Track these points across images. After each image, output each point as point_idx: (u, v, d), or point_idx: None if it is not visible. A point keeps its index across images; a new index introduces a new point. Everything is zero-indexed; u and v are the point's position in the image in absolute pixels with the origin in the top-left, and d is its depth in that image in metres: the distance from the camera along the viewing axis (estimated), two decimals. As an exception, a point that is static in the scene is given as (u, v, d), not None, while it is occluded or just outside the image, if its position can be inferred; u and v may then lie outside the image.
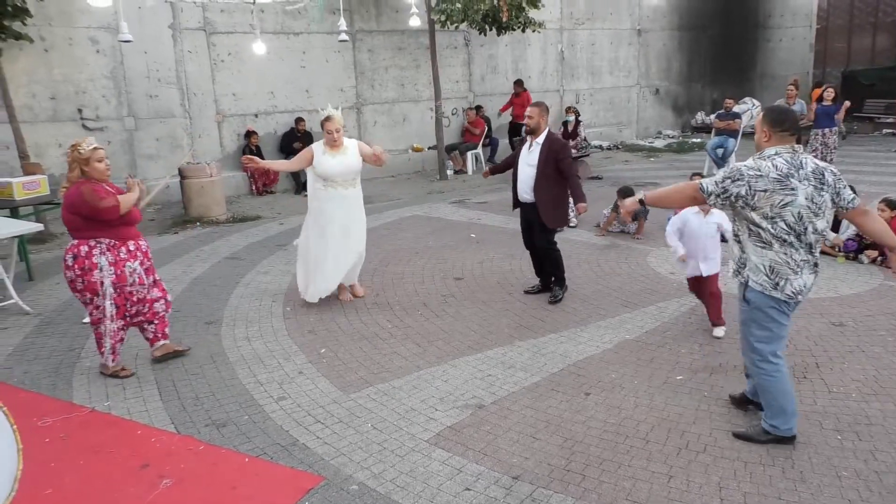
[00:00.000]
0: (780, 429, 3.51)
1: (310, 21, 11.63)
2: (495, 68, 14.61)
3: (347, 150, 5.78)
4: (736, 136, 11.87)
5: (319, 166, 5.73)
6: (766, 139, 3.39)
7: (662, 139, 17.26)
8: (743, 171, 3.29)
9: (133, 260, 4.54)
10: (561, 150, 5.71)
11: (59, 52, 9.69)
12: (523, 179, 5.76)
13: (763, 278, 3.37)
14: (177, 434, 3.88)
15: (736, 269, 3.52)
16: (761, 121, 3.41)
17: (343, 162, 5.74)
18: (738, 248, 3.51)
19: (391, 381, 4.49)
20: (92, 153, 4.36)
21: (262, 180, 11.68)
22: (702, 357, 4.69)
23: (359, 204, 5.99)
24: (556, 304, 5.84)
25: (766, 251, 3.34)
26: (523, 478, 3.36)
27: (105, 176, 4.45)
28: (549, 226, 5.77)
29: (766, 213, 3.26)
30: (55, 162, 9.84)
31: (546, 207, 5.70)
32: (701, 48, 18.28)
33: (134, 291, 4.58)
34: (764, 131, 3.39)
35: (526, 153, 5.78)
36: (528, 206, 5.82)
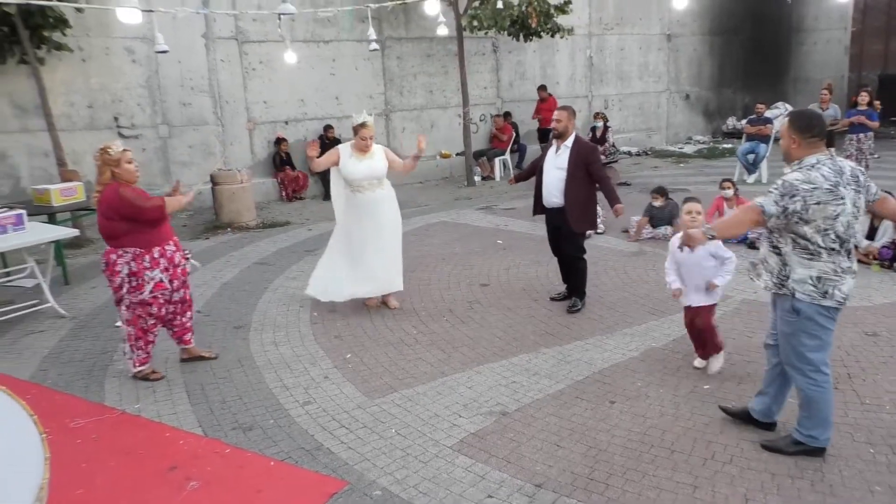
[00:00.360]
0: (820, 439, 3.45)
1: (340, 29, 11.75)
2: (523, 74, 14.60)
3: (374, 154, 5.85)
4: (768, 141, 11.69)
5: (345, 169, 5.81)
6: (794, 146, 3.29)
7: (692, 145, 17.07)
8: (797, 186, 3.15)
9: (155, 268, 4.56)
10: (591, 153, 5.70)
11: (96, 62, 9.94)
12: (551, 183, 5.69)
13: (810, 289, 3.27)
14: (204, 437, 3.94)
15: (777, 282, 3.38)
16: (788, 128, 3.31)
17: (370, 166, 5.80)
18: (778, 261, 3.37)
19: (416, 386, 4.51)
20: (122, 155, 4.45)
21: (292, 187, 11.81)
22: (729, 366, 4.62)
23: (390, 206, 5.98)
24: (581, 312, 5.80)
25: (813, 262, 3.26)
26: (546, 486, 3.35)
27: (134, 177, 4.54)
28: (575, 230, 5.71)
29: (819, 225, 3.17)
30: (91, 169, 9.99)
31: (574, 211, 5.64)
32: (732, 52, 18.04)
33: (157, 296, 4.62)
34: (792, 139, 3.28)
35: (553, 157, 5.73)
36: (554, 210, 5.76)
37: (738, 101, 18.51)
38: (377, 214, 5.90)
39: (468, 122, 12.51)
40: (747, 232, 7.73)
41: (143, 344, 4.67)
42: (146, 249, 4.52)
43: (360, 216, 5.87)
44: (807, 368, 3.40)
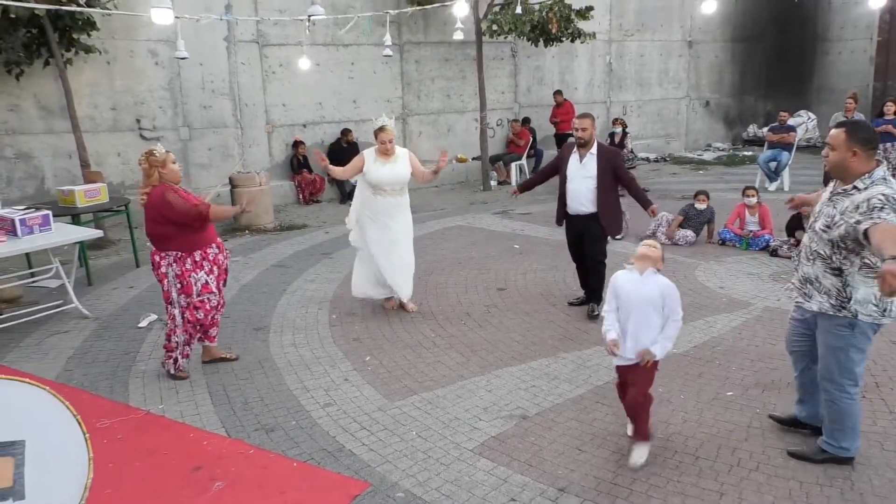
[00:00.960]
0: (851, 450, 3.43)
1: (359, 33, 11.81)
2: (541, 80, 14.58)
3: (398, 158, 5.86)
4: (790, 149, 11.60)
5: (369, 173, 5.81)
6: (854, 159, 3.14)
7: (712, 152, 16.95)
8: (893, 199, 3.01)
9: (199, 270, 4.66)
10: (616, 157, 5.79)
11: (120, 65, 10.05)
12: (580, 192, 5.69)
13: (872, 308, 3.20)
14: (227, 438, 3.97)
15: (836, 304, 3.24)
16: (847, 139, 3.15)
17: (394, 170, 5.81)
18: (838, 282, 3.23)
19: (435, 389, 4.51)
20: (167, 156, 4.59)
21: (309, 189, 11.87)
22: (753, 374, 4.58)
23: (407, 212, 6.05)
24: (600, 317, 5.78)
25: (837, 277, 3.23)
26: (569, 490, 3.33)
27: (178, 177, 4.68)
28: (609, 234, 5.84)
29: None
30: (114, 171, 10.18)
31: (607, 216, 5.71)
32: (755, 60, 17.91)
33: (205, 300, 4.71)
34: (853, 151, 3.14)
35: (579, 166, 5.68)
36: (581, 218, 5.76)
37: (760, 109, 18.36)
38: (397, 219, 5.93)
39: (485, 126, 12.51)
40: (769, 238, 7.70)
41: (188, 352, 4.81)
42: (187, 252, 4.59)
43: (381, 220, 5.89)
44: (847, 383, 3.34)
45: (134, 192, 10.20)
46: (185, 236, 4.57)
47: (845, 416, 3.39)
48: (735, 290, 6.41)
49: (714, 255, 7.64)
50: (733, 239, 7.98)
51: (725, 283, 6.65)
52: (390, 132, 5.76)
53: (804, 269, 3.40)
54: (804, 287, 3.40)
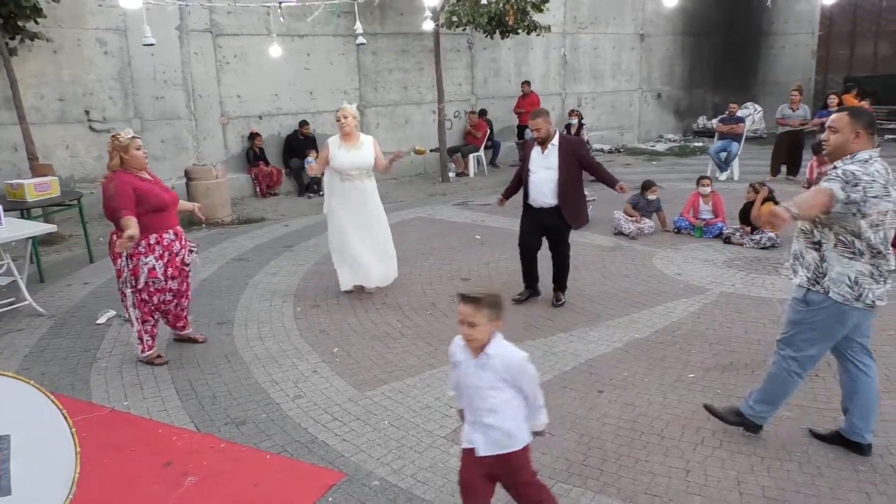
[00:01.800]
0: (762, 414, 3.57)
1: (315, 23, 11.68)
2: (498, 71, 14.68)
3: (363, 144, 6.02)
4: (740, 140, 11.95)
5: (334, 159, 5.96)
6: (855, 139, 3.19)
7: (664, 143, 17.34)
8: (858, 176, 3.07)
9: (149, 254, 4.64)
10: (579, 145, 5.83)
11: (67, 54, 9.73)
12: (542, 183, 5.65)
13: (846, 289, 3.20)
14: (197, 432, 3.92)
15: (812, 278, 3.29)
16: (852, 122, 3.20)
17: (358, 155, 5.97)
18: (816, 257, 3.28)
19: (405, 379, 4.54)
20: (130, 141, 4.59)
21: (266, 182, 11.71)
22: (712, 356, 4.74)
23: (375, 196, 6.21)
24: (563, 305, 5.87)
25: (853, 262, 3.19)
26: (542, 472, 3.38)
27: (143, 164, 4.67)
28: (573, 225, 5.77)
29: (874, 220, 3.10)
30: (63, 164, 9.86)
31: (571, 208, 5.69)
32: (703, 54, 18.37)
33: (149, 283, 4.71)
34: (857, 132, 3.18)
35: (541, 157, 5.67)
36: (545, 210, 5.71)
37: (709, 101, 18.85)
38: (366, 203, 6.09)
39: (443, 118, 12.54)
40: (722, 226, 7.95)
41: (148, 328, 4.81)
42: (142, 235, 4.54)
43: (349, 205, 6.05)
44: (791, 352, 3.40)
45: (85, 186, 9.91)
46: (142, 218, 4.52)
47: (774, 381, 3.51)
48: (692, 276, 6.60)
49: (670, 243, 7.85)
50: (688, 227, 8.20)
51: (682, 269, 6.84)
52: (345, 110, 5.96)
53: (794, 246, 3.47)
54: (794, 264, 3.44)
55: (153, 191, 4.63)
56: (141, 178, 4.64)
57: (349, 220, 6.05)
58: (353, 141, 5.97)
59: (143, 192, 4.55)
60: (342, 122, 5.94)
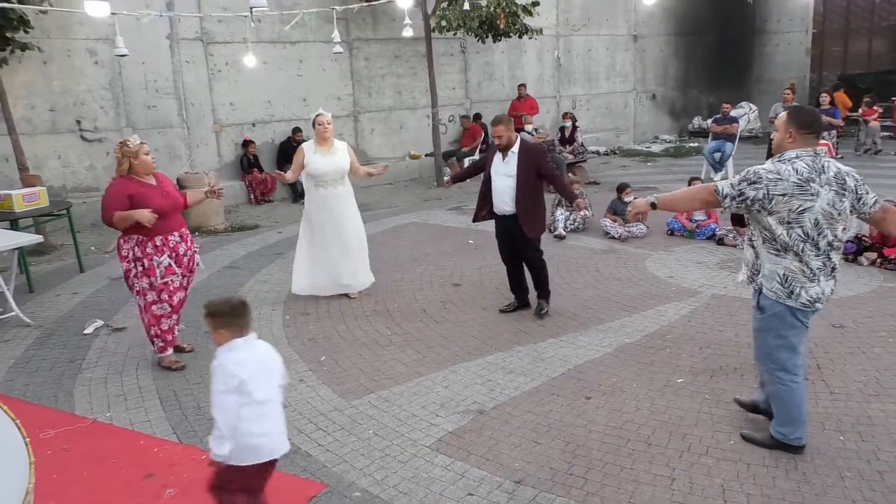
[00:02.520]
0: (789, 437, 3.45)
1: (307, 30, 11.67)
2: (492, 75, 14.66)
3: (337, 150, 6.08)
4: (734, 140, 11.92)
5: (310, 165, 6.00)
6: (790, 140, 3.25)
7: (659, 144, 17.32)
8: (761, 174, 3.17)
9: (160, 254, 4.72)
10: (539, 154, 5.51)
11: (57, 65, 9.72)
12: (502, 191, 5.50)
13: (776, 286, 3.26)
14: (179, 444, 3.88)
15: (749, 275, 3.44)
16: (787, 121, 3.26)
17: (332, 161, 6.02)
18: (752, 253, 3.42)
19: (392, 387, 4.50)
20: (140, 147, 4.70)
21: (260, 189, 11.69)
22: (702, 360, 4.70)
23: (351, 202, 6.22)
24: (555, 310, 5.82)
25: (779, 258, 3.24)
26: (526, 482, 3.36)
27: (151, 168, 4.78)
28: (529, 235, 5.53)
29: (784, 217, 3.15)
30: (55, 174, 9.85)
31: (527, 217, 5.48)
32: (697, 54, 18.35)
33: (169, 282, 4.76)
34: (790, 132, 3.24)
35: (500, 164, 5.52)
36: (507, 217, 5.57)
37: (704, 101, 18.83)
38: (340, 210, 6.12)
39: (437, 123, 12.52)
40: (714, 227, 7.91)
41: (159, 331, 4.82)
42: (148, 237, 4.67)
43: (322, 212, 6.08)
44: (771, 366, 3.41)
45: (77, 196, 9.90)
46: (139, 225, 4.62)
47: (778, 400, 3.45)
48: (684, 278, 6.56)
49: (663, 246, 7.81)
50: (681, 229, 8.17)
51: (675, 272, 6.80)
52: (326, 116, 6.02)
53: None
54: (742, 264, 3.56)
55: (151, 196, 4.68)
56: (143, 183, 4.72)
57: (323, 226, 6.09)
58: (328, 146, 6.03)
59: (139, 198, 4.63)
60: (325, 127, 5.97)
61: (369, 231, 8.71)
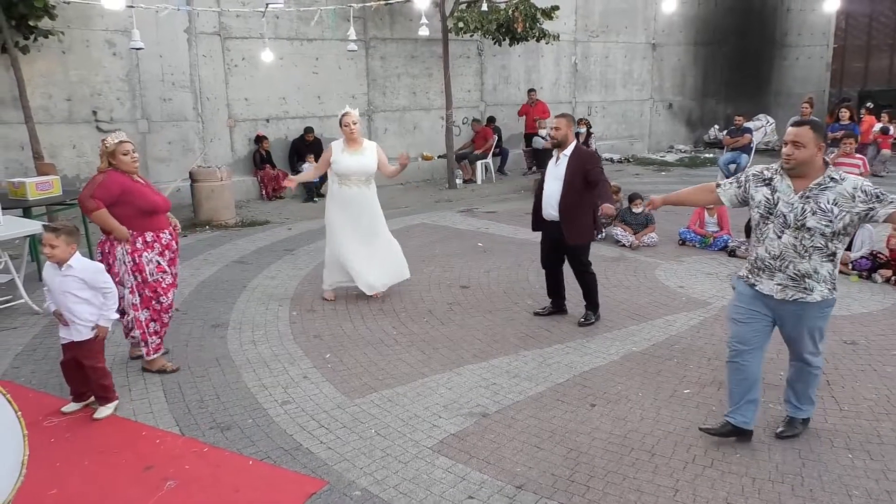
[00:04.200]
0: None
1: (324, 28, 11.70)
2: (507, 79, 14.63)
3: (366, 150, 6.00)
4: (749, 151, 11.84)
5: (337, 163, 5.91)
6: (818, 152, 3.34)
7: (674, 153, 17.22)
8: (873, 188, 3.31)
9: (150, 250, 4.60)
10: (590, 159, 5.37)
11: (75, 55, 9.79)
12: (551, 195, 5.37)
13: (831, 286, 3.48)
14: (181, 436, 3.87)
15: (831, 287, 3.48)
16: (816, 136, 3.31)
17: (360, 161, 5.93)
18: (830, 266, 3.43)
19: (395, 387, 4.48)
20: (117, 146, 4.46)
21: (272, 185, 11.71)
22: (710, 371, 4.65)
23: (375, 201, 6.15)
24: (562, 316, 5.77)
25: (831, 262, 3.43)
26: (527, 487, 3.33)
27: (132, 168, 4.56)
28: (569, 242, 5.38)
29: None
30: (69, 163, 9.91)
31: (570, 223, 5.33)
32: (716, 64, 18.25)
33: (160, 279, 4.65)
34: (820, 146, 3.33)
35: (553, 167, 5.42)
36: (553, 224, 5.42)
37: (721, 112, 18.71)
38: (366, 210, 6.05)
39: (451, 124, 12.50)
40: (727, 238, 7.83)
41: (156, 329, 4.68)
42: (138, 232, 4.55)
43: (349, 212, 6.00)
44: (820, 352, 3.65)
45: (90, 186, 9.95)
46: (135, 219, 4.52)
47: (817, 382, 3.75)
48: (694, 289, 6.50)
49: (674, 255, 7.75)
50: (693, 239, 8.10)
51: (685, 282, 6.74)
52: (353, 115, 5.91)
53: (798, 267, 3.41)
54: (801, 283, 3.43)
55: (143, 192, 4.58)
56: (133, 179, 4.59)
57: (349, 227, 6.00)
58: (357, 146, 5.95)
59: (131, 193, 4.49)
60: (351, 127, 5.86)
61: (379, 230, 8.75)
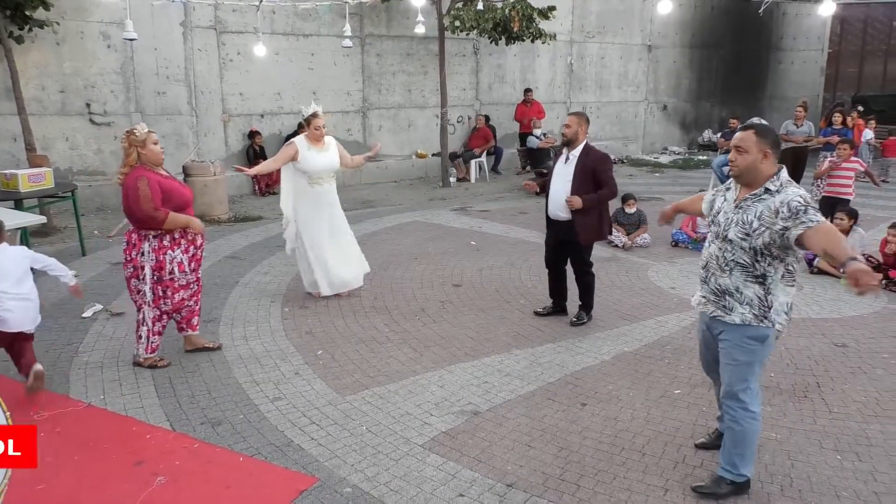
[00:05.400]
0: (746, 475, 3.22)
1: (320, 24, 11.66)
2: (503, 78, 14.63)
3: (329, 147, 6.07)
4: (741, 154, 11.85)
5: (304, 161, 5.92)
6: (766, 161, 3.02)
7: (668, 155, 17.26)
8: (810, 201, 2.92)
9: (175, 248, 4.61)
10: (600, 161, 5.30)
11: (70, 46, 9.72)
12: (558, 194, 5.32)
13: (784, 318, 3.08)
14: (172, 431, 3.86)
15: (759, 314, 3.05)
16: (759, 140, 3.00)
17: (328, 158, 6.03)
18: (761, 290, 3.04)
19: (387, 384, 4.48)
20: (147, 136, 4.50)
21: (265, 181, 11.67)
22: (700, 372, 4.59)
23: (337, 198, 6.24)
24: (553, 315, 5.78)
25: (791, 288, 3.08)
26: (517, 485, 3.34)
27: (159, 159, 4.58)
28: (582, 242, 5.37)
29: None
30: (62, 156, 9.85)
31: (582, 222, 5.29)
32: (712, 66, 18.30)
33: (175, 279, 4.64)
34: (765, 152, 3.00)
35: (561, 166, 5.37)
36: (562, 224, 5.39)
37: (715, 115, 18.77)
38: (334, 206, 6.15)
39: (446, 122, 12.49)
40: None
41: (158, 328, 4.70)
42: (162, 232, 4.55)
43: (319, 209, 6.05)
44: (748, 402, 3.13)
45: (83, 179, 9.90)
46: None
47: (748, 438, 3.16)
48: (686, 290, 6.52)
49: (666, 256, 7.78)
50: (686, 240, 8.13)
51: (677, 283, 6.77)
52: (322, 118, 5.98)
53: (719, 281, 3.15)
54: (721, 300, 3.15)
55: (176, 188, 4.60)
56: (161, 174, 4.57)
57: (322, 225, 6.05)
58: (322, 144, 6.01)
59: (167, 190, 4.50)
60: (322, 130, 5.93)
61: (372, 228, 8.77)
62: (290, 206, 6.08)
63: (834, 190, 8.22)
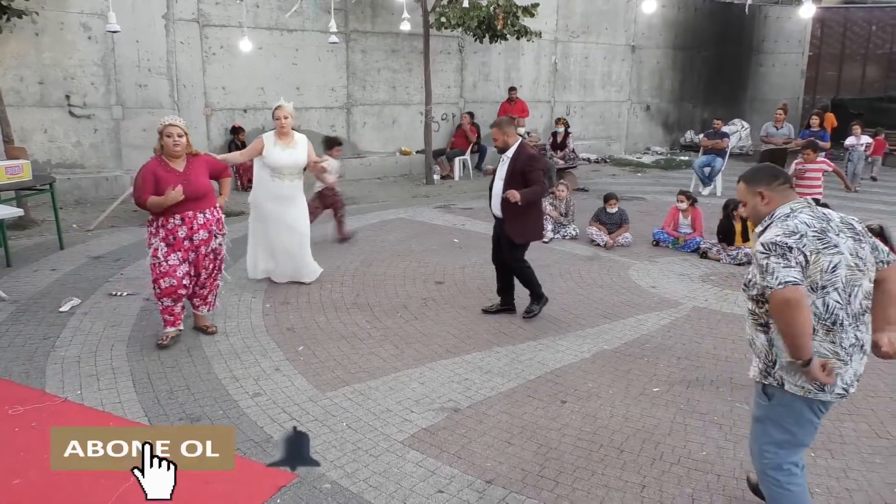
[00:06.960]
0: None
1: (304, 19, 11.60)
2: (487, 76, 14.65)
3: (297, 144, 6.10)
4: (724, 155, 11.99)
5: (269, 156, 6.00)
6: (764, 202, 2.73)
7: (651, 155, 17.39)
8: (785, 243, 2.51)
9: (154, 237, 4.80)
10: (529, 160, 5.43)
11: (49, 37, 9.59)
12: (496, 194, 5.51)
13: (802, 379, 2.59)
14: (149, 427, 3.83)
15: (763, 369, 2.71)
16: (747, 188, 2.78)
17: (292, 155, 6.06)
18: (765, 340, 2.69)
19: (368, 381, 4.48)
20: (164, 128, 4.72)
21: (247, 176, 11.57)
22: (679, 371, 4.71)
23: (302, 196, 6.33)
24: (544, 313, 5.81)
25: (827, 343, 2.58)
26: (497, 482, 3.36)
27: (172, 152, 4.75)
28: (515, 241, 5.51)
29: (817, 282, 2.52)
30: (40, 148, 9.72)
31: (513, 222, 5.45)
32: (694, 68, 18.46)
33: (156, 264, 4.81)
34: (760, 195, 2.73)
35: (500, 167, 5.56)
36: (499, 220, 5.61)
37: (697, 116, 18.94)
38: (294, 203, 6.21)
39: (430, 120, 12.49)
40: (699, 241, 7.94)
41: (165, 308, 4.94)
42: (153, 218, 4.79)
43: (277, 203, 6.12)
44: (765, 464, 2.78)
45: (62, 171, 9.79)
46: None
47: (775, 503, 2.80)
48: (666, 289, 6.58)
49: (647, 256, 7.84)
50: (667, 240, 8.20)
51: (657, 282, 6.82)
52: (285, 109, 5.98)
53: (746, 329, 2.85)
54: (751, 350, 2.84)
55: (167, 182, 4.67)
56: (167, 167, 4.75)
57: (274, 215, 6.14)
58: (289, 139, 6.02)
59: (160, 181, 4.67)
60: (282, 121, 5.94)
61: (355, 224, 8.73)
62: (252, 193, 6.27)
63: (803, 192, 8.35)
